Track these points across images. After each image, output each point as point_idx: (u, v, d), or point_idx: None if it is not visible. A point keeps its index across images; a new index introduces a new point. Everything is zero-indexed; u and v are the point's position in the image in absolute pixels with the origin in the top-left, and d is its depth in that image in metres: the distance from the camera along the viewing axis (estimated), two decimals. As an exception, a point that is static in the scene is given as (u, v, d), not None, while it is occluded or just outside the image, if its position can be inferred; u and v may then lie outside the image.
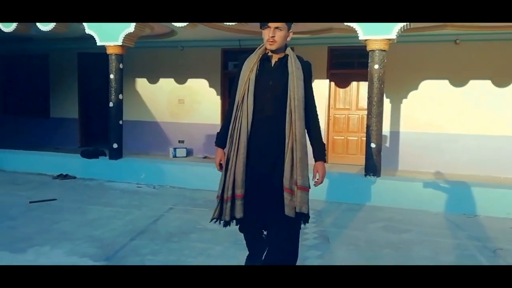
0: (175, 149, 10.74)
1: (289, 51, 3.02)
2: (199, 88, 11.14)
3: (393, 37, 6.67)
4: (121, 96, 8.29)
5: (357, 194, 6.89)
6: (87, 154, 8.67)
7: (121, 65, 8.22)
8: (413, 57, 9.52)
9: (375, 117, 6.89)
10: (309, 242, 4.69)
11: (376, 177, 6.92)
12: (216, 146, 3.20)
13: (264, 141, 2.96)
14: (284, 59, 2.99)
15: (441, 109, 9.53)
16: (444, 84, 9.53)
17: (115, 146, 8.33)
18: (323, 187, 3.13)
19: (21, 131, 12.38)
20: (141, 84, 11.67)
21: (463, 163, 9.28)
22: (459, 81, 9.45)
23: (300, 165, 2.89)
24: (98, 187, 7.58)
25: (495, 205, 6.35)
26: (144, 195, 7.06)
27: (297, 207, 2.89)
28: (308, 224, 3.13)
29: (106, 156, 8.62)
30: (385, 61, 6.85)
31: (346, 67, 10.11)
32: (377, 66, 6.79)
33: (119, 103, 8.30)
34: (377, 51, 6.77)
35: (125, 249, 4.41)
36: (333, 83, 10.21)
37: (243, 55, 3.09)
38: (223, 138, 3.10)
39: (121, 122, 8.37)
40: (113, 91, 8.21)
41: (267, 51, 3.00)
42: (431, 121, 9.59)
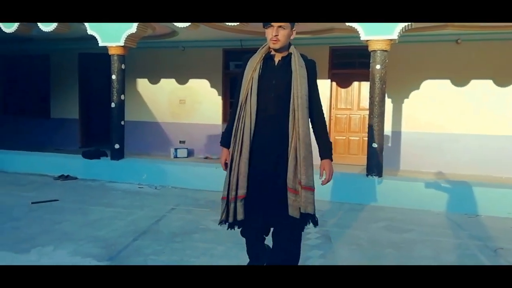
0: (176, 149, 10.74)
1: (292, 49, 2.98)
2: (200, 88, 11.14)
3: (395, 37, 6.67)
4: (123, 97, 8.29)
5: (359, 194, 6.89)
6: (88, 155, 8.64)
7: (123, 66, 8.22)
8: (414, 57, 9.52)
9: (377, 117, 6.90)
10: (311, 242, 4.70)
11: (378, 177, 6.93)
12: (221, 145, 3.17)
13: (267, 140, 2.93)
14: (287, 57, 2.96)
15: (443, 109, 9.54)
16: (446, 84, 9.54)
17: (116, 146, 8.31)
18: (325, 187, 3.10)
19: (21, 131, 12.37)
20: (142, 84, 11.67)
21: (465, 163, 9.29)
22: (460, 81, 9.45)
23: (304, 164, 2.85)
24: (99, 188, 7.58)
25: (496, 205, 6.35)
26: (145, 195, 7.05)
27: (301, 207, 2.86)
28: (310, 224, 3.05)
29: (107, 156, 8.59)
30: (387, 61, 6.85)
31: (347, 67, 10.12)
32: (378, 67, 6.79)
33: (121, 104, 8.30)
34: (379, 51, 6.77)
35: (128, 249, 4.41)
36: (334, 83, 10.22)
37: (247, 55, 3.07)
38: (228, 137, 3.07)
39: (123, 122, 8.36)
40: (115, 92, 8.20)
41: (270, 50, 2.98)
42: (432, 121, 9.59)
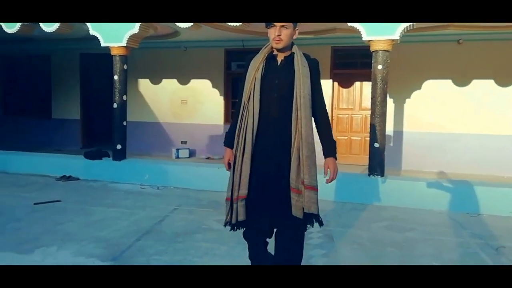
0: (177, 150, 10.73)
1: (295, 49, 2.96)
2: (202, 88, 11.14)
3: (397, 37, 6.68)
4: (125, 97, 8.29)
5: (361, 193, 6.90)
6: (90, 155, 8.63)
7: (125, 66, 8.22)
8: (416, 57, 9.54)
9: (378, 117, 6.91)
10: (314, 241, 4.71)
11: (380, 176, 6.94)
12: (225, 146, 3.16)
13: (270, 140, 2.91)
14: (290, 57, 2.95)
15: (444, 109, 9.55)
16: (447, 84, 9.55)
17: (118, 147, 8.31)
18: (327, 187, 3.10)
19: (22, 132, 12.35)
20: (144, 84, 11.68)
21: (466, 163, 9.29)
22: (462, 81, 9.46)
23: (307, 163, 2.83)
24: (101, 188, 7.58)
25: (498, 204, 6.37)
26: (148, 196, 7.06)
27: (305, 207, 2.84)
28: (315, 224, 3.03)
29: (109, 157, 8.59)
30: (389, 61, 6.86)
31: (349, 67, 10.15)
32: (380, 67, 6.80)
33: (123, 104, 8.30)
34: (381, 51, 6.79)
35: (131, 249, 4.42)
36: (336, 83, 10.23)
37: (249, 55, 3.05)
38: (231, 137, 3.05)
39: (125, 123, 8.36)
40: (117, 92, 8.21)
41: (273, 50, 2.96)
42: (434, 121, 9.60)
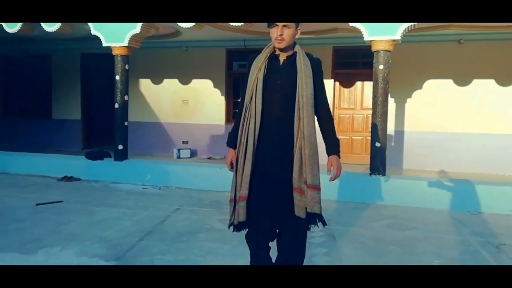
0: (179, 150, 10.74)
1: (297, 48, 2.95)
2: (203, 88, 11.14)
3: (398, 37, 6.71)
4: (126, 97, 8.29)
5: (363, 193, 6.92)
6: (92, 156, 8.63)
7: (126, 66, 8.22)
8: (417, 57, 9.55)
9: (380, 116, 6.92)
10: (315, 240, 4.72)
11: (381, 176, 6.96)
12: (228, 146, 3.13)
13: (273, 141, 2.89)
14: (292, 57, 2.93)
15: (445, 108, 9.57)
16: (448, 84, 9.57)
17: (120, 147, 8.31)
18: (329, 186, 3.08)
19: (22, 132, 12.32)
20: (145, 84, 11.67)
21: (468, 162, 9.31)
22: (463, 81, 9.48)
23: (309, 163, 2.82)
24: (103, 189, 7.58)
25: (498, 202, 6.41)
26: (150, 196, 7.07)
27: (308, 207, 2.83)
28: (319, 224, 3.00)
29: (111, 157, 8.60)
30: (390, 61, 6.88)
31: (350, 67, 10.16)
32: (381, 67, 6.82)
33: (125, 104, 8.30)
34: (382, 51, 6.81)
35: (134, 249, 4.42)
36: (337, 83, 10.25)
37: (252, 55, 3.03)
38: (234, 138, 3.04)
39: (126, 123, 8.37)
40: (118, 92, 8.21)
41: (275, 50, 2.95)
42: (435, 120, 9.62)
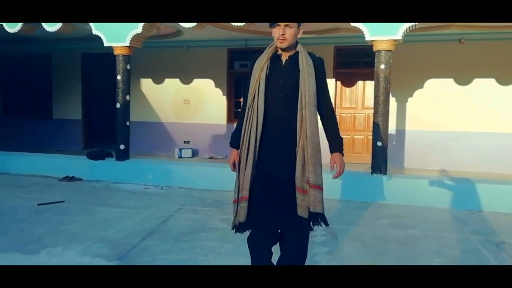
0: (180, 149, 10.73)
1: (299, 48, 2.94)
2: (205, 88, 11.14)
3: (399, 37, 6.73)
4: (128, 97, 8.30)
5: (364, 192, 6.94)
6: (93, 156, 8.63)
7: (128, 66, 8.22)
8: (418, 56, 9.56)
9: (381, 116, 6.94)
10: (317, 239, 4.73)
11: (383, 175, 6.97)
12: (231, 146, 3.13)
13: (276, 141, 2.87)
14: (294, 56, 2.92)
15: (446, 108, 9.58)
16: (449, 83, 9.58)
17: (122, 147, 8.32)
18: (330, 186, 3.07)
19: (23, 132, 12.29)
20: (146, 84, 11.67)
21: (468, 161, 9.32)
22: (464, 80, 9.50)
23: (312, 162, 2.80)
24: (105, 189, 7.58)
25: (499, 201, 6.45)
26: (152, 196, 7.08)
27: (311, 206, 2.82)
28: (321, 224, 2.96)
29: (112, 157, 8.59)
30: (391, 61, 6.90)
31: (352, 66, 10.17)
32: (383, 66, 6.84)
33: (126, 104, 8.30)
34: (383, 51, 6.83)
35: (136, 248, 4.44)
36: (339, 82, 10.26)
37: (254, 55, 3.02)
38: (237, 138, 3.03)
39: (128, 123, 8.37)
40: (120, 92, 8.21)
41: (277, 50, 2.94)
42: (436, 119, 9.64)
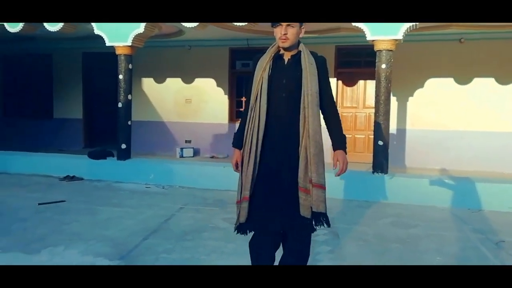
0: (182, 149, 10.70)
1: (302, 47, 2.94)
2: (206, 87, 11.14)
3: (400, 37, 6.77)
4: (130, 97, 8.31)
5: (366, 191, 6.97)
6: (94, 155, 8.63)
7: (130, 66, 8.24)
8: (418, 56, 9.58)
9: (382, 115, 6.97)
10: (319, 238, 4.74)
11: (384, 174, 7.00)
12: (233, 147, 3.11)
13: (278, 140, 2.87)
14: (297, 56, 2.92)
15: (447, 107, 9.61)
16: (449, 82, 9.60)
17: (123, 146, 8.33)
18: (331, 185, 3.07)
19: (23, 132, 12.25)
20: (148, 84, 11.67)
21: (469, 160, 9.34)
22: (464, 79, 9.52)
23: (314, 161, 2.80)
24: (106, 188, 7.59)
25: (498, 199, 6.49)
26: (153, 195, 7.08)
27: (313, 206, 2.81)
28: (323, 224, 2.95)
29: (114, 156, 8.59)
30: (392, 60, 6.93)
31: (353, 66, 10.18)
32: (384, 66, 6.87)
33: (128, 104, 8.32)
34: (384, 51, 6.87)
35: (139, 248, 4.45)
36: (340, 82, 10.27)
37: (257, 55, 3.02)
38: (239, 139, 3.02)
39: (129, 122, 8.38)
40: (122, 92, 8.22)
41: (280, 49, 2.94)
42: (436, 118, 9.66)
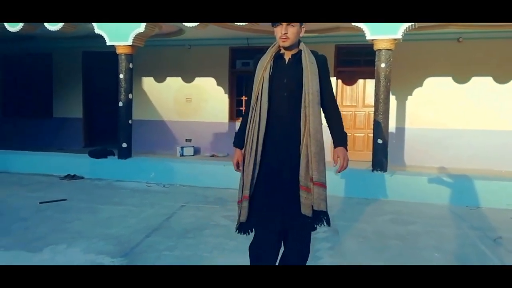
0: (182, 148, 10.76)
1: (302, 46, 2.93)
2: (206, 86, 11.17)
3: (399, 37, 6.82)
4: (130, 96, 8.33)
5: (365, 188, 7.02)
6: (95, 154, 8.64)
7: (130, 65, 8.26)
8: (417, 55, 9.63)
9: (381, 114, 7.02)
10: (320, 235, 4.78)
11: (383, 172, 7.05)
12: (234, 146, 3.12)
13: (280, 140, 2.87)
14: (297, 55, 2.92)
15: (445, 106, 9.67)
16: (448, 81, 9.66)
17: (124, 145, 8.35)
18: (331, 183, 3.09)
19: (23, 131, 12.24)
20: (148, 83, 11.68)
21: (467, 158, 9.42)
22: (462, 78, 9.58)
23: (315, 160, 2.78)
24: (107, 187, 7.60)
25: (496, 197, 6.55)
26: (155, 193, 7.11)
27: (314, 205, 2.80)
28: (324, 224, 2.93)
29: (114, 155, 8.61)
30: (391, 60, 6.98)
31: (352, 65, 10.23)
32: (383, 65, 6.92)
33: (129, 103, 8.33)
34: (384, 50, 6.92)
35: (141, 245, 4.48)
36: (340, 81, 10.32)
37: (257, 55, 3.02)
38: (240, 138, 3.03)
39: (130, 121, 8.41)
40: (122, 91, 8.24)
41: (280, 49, 2.93)
42: (435, 117, 9.72)
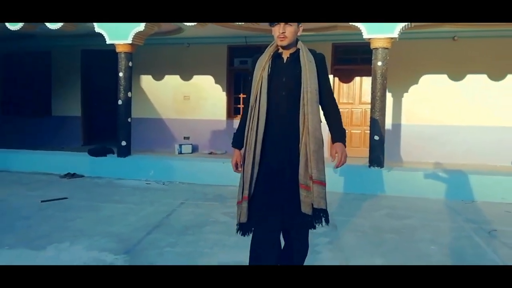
0: (180, 145, 10.74)
1: (300, 45, 2.92)
2: (204, 84, 11.17)
3: (395, 35, 6.92)
4: (130, 94, 8.38)
5: (362, 184, 7.14)
6: (94, 152, 8.68)
7: (130, 63, 8.30)
8: (413, 53, 9.70)
9: (378, 111, 7.13)
10: (318, 230, 4.66)
11: (380, 168, 7.16)
12: (233, 147, 3.10)
13: (279, 139, 2.86)
14: (295, 54, 2.91)
15: (441, 103, 9.75)
16: (443, 79, 9.74)
17: (123, 143, 8.40)
18: (329, 179, 3.11)
19: (22, 130, 12.18)
20: (146, 81, 11.67)
21: (462, 154, 9.51)
22: (457, 76, 9.68)
23: (314, 158, 2.78)
24: (107, 185, 7.65)
25: (491, 191, 6.68)
26: (154, 191, 7.17)
27: (314, 203, 2.80)
28: (323, 223, 2.95)
29: (114, 154, 8.65)
30: (388, 58, 7.07)
31: (349, 63, 10.30)
32: (380, 63, 7.02)
33: (128, 101, 8.37)
34: (380, 49, 7.02)
35: (143, 242, 4.53)
36: (337, 79, 10.37)
37: (255, 55, 3.01)
38: (239, 138, 3.02)
39: (129, 119, 8.45)
40: (122, 89, 8.29)
41: (278, 48, 2.92)
42: (431, 114, 9.81)
